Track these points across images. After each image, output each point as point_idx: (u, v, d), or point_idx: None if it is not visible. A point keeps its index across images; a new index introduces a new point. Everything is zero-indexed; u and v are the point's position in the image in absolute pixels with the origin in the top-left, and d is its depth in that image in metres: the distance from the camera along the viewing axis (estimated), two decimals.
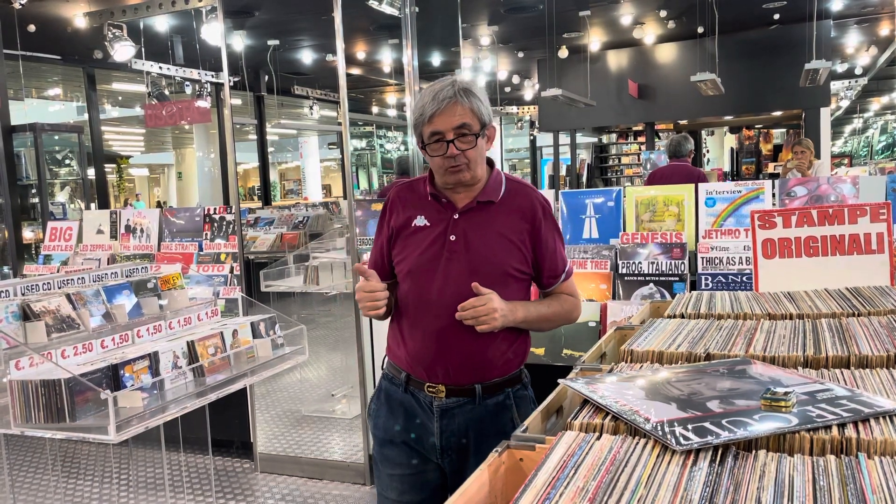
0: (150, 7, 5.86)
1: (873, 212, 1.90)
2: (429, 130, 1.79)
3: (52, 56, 9.37)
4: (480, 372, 1.86)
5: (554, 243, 1.92)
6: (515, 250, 1.86)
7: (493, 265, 1.84)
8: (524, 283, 1.93)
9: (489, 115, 1.85)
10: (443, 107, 1.77)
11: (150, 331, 2.89)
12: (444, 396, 1.86)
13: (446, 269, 1.84)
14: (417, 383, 1.90)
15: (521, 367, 1.97)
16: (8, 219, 6.59)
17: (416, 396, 1.91)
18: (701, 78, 8.81)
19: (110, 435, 2.24)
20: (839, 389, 1.03)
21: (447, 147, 1.77)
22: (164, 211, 4.94)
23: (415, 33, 4.56)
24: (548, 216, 1.91)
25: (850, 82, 14.44)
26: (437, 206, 1.90)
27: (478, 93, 1.83)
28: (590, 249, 3.48)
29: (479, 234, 1.85)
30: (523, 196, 1.91)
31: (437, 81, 1.83)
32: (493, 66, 12.32)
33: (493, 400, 1.87)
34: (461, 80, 1.84)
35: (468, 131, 1.79)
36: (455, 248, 1.84)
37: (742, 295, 1.79)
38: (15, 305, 2.72)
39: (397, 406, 1.94)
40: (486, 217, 1.87)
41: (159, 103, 8.08)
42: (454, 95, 1.77)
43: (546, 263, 1.91)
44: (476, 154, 1.82)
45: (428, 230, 1.89)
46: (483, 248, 1.84)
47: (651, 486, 0.81)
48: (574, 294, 2.01)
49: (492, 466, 1.00)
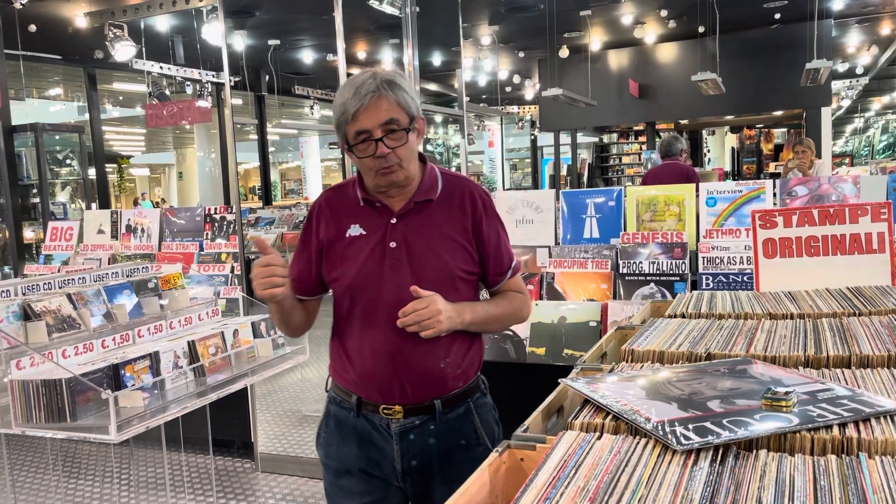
0: (151, 7, 5.86)
1: (874, 211, 1.90)
2: (353, 129, 1.63)
3: (52, 56, 9.37)
4: (439, 386, 1.73)
5: (497, 238, 1.80)
6: (461, 250, 1.73)
7: (440, 269, 1.71)
8: (473, 285, 1.80)
9: (417, 106, 1.70)
10: (366, 102, 1.61)
11: (150, 330, 2.89)
12: (401, 417, 1.72)
13: (391, 279, 1.69)
14: (371, 406, 1.75)
15: (478, 374, 1.85)
16: (9, 219, 6.60)
17: (371, 420, 1.76)
18: (702, 77, 8.81)
19: (111, 435, 2.24)
20: (840, 389, 1.03)
21: (376, 146, 1.62)
22: (165, 211, 4.95)
23: (415, 33, 4.56)
24: (489, 209, 1.79)
25: (851, 82, 14.44)
26: (371, 211, 1.75)
27: (403, 83, 1.67)
28: (590, 249, 3.47)
29: (421, 237, 1.72)
30: (461, 190, 1.78)
31: (357, 75, 1.67)
32: (494, 65, 12.33)
33: (453, 413, 1.75)
34: (383, 71, 1.67)
35: (397, 127, 1.63)
36: (397, 256, 1.70)
37: (743, 295, 1.79)
38: (16, 305, 2.72)
39: (350, 432, 1.79)
40: (425, 218, 1.74)
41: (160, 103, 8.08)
42: (377, 89, 1.61)
43: (491, 261, 1.78)
44: (408, 151, 1.68)
45: (365, 239, 1.74)
46: (427, 251, 1.71)
47: (652, 485, 0.81)
48: (522, 291, 1.88)
49: (492, 466, 1.00)
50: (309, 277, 1.82)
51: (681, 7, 9.57)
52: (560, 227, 3.71)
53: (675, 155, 6.16)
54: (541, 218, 3.73)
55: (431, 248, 1.71)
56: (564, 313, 3.18)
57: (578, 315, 3.16)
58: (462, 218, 1.74)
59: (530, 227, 3.74)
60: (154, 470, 4.12)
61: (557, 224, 3.72)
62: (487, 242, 1.76)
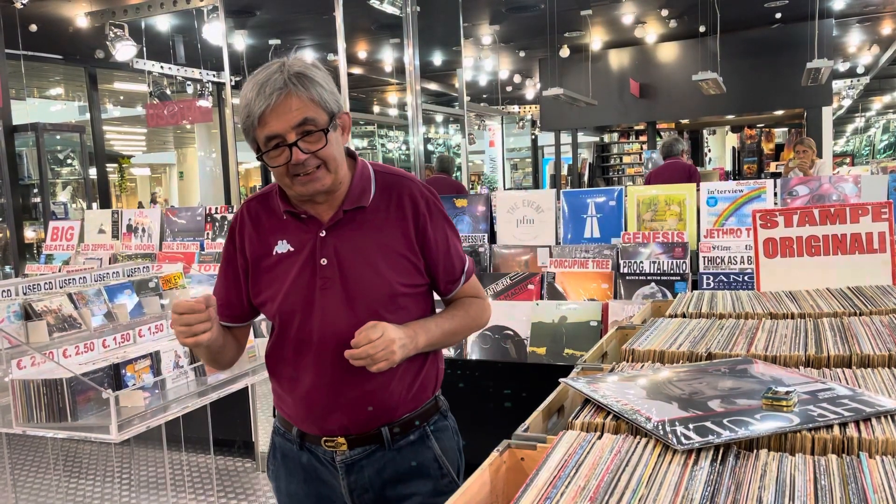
0: (152, 7, 5.87)
1: (875, 211, 1.90)
2: (263, 134, 1.40)
3: (53, 56, 9.38)
4: (385, 413, 1.53)
5: (446, 241, 1.57)
6: (402, 262, 1.51)
7: (378, 287, 1.48)
8: (420, 298, 1.57)
9: (336, 100, 1.46)
10: (273, 102, 1.38)
11: (151, 330, 2.89)
12: (346, 448, 1.53)
13: (322, 302, 1.48)
14: (312, 438, 1.57)
15: (436, 394, 1.63)
16: (10, 218, 6.60)
17: (314, 452, 1.58)
18: (703, 77, 8.81)
19: (112, 434, 2.24)
20: (841, 389, 1.03)
21: (290, 152, 1.39)
22: (166, 210, 4.95)
23: (416, 32, 4.56)
24: (433, 209, 1.55)
25: (852, 81, 14.44)
26: (297, 224, 1.52)
27: (316, 75, 1.43)
28: (591, 249, 3.47)
29: (355, 250, 1.49)
30: (399, 190, 1.54)
31: (261, 69, 1.44)
32: (495, 65, 12.33)
33: (406, 440, 1.55)
34: (291, 62, 1.43)
35: (314, 127, 1.40)
36: (328, 274, 1.48)
37: (744, 294, 1.79)
38: (17, 305, 2.72)
39: (295, 466, 1.61)
40: (359, 227, 1.50)
41: (161, 103, 8.10)
42: (285, 85, 1.38)
43: (441, 268, 1.56)
44: (331, 152, 1.43)
45: (292, 257, 1.51)
46: (361, 268, 1.48)
47: (652, 485, 0.81)
48: (479, 295, 1.67)
49: (493, 466, 1.00)
50: (237, 302, 1.60)
51: (681, 7, 9.57)
52: (561, 227, 3.71)
53: (676, 155, 6.38)
54: (541, 217, 3.73)
55: (367, 263, 1.49)
56: (565, 313, 3.18)
57: (579, 315, 3.16)
58: (402, 223, 1.52)
59: (531, 226, 3.74)
60: (155, 469, 4.12)
61: (558, 224, 3.72)
62: (435, 248, 1.54)
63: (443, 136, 20.31)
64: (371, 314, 1.46)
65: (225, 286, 1.61)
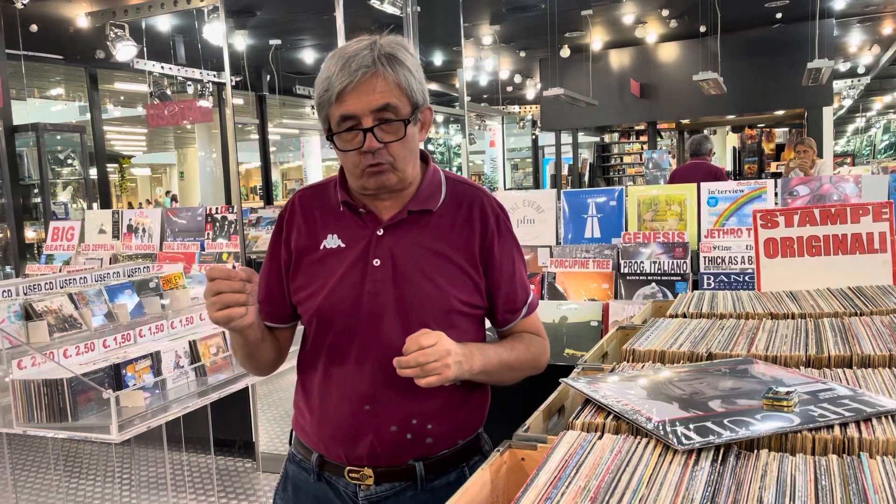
0: (152, 7, 5.87)
1: (876, 211, 1.90)
2: (338, 113, 1.28)
3: (54, 56, 9.38)
4: (422, 445, 1.36)
5: (513, 266, 1.43)
6: (463, 277, 1.37)
7: (433, 298, 1.35)
8: (475, 322, 1.43)
9: (423, 92, 1.33)
10: (356, 79, 1.25)
11: (152, 330, 2.89)
12: (372, 483, 1.35)
13: (371, 307, 1.34)
14: (334, 467, 1.39)
15: (479, 430, 1.47)
16: (10, 219, 6.61)
17: (334, 485, 1.40)
18: (703, 77, 8.81)
19: (112, 434, 2.24)
20: (841, 389, 1.03)
21: (364, 137, 1.27)
22: (167, 211, 4.95)
23: (416, 33, 4.56)
24: (503, 228, 1.42)
25: (852, 81, 14.43)
26: (353, 219, 1.39)
27: (408, 60, 1.30)
28: (592, 249, 3.47)
29: (413, 255, 1.35)
30: (471, 201, 1.41)
31: (351, 42, 1.32)
32: (495, 65, 12.33)
33: (441, 481, 1.37)
34: (384, 41, 1.30)
35: (394, 116, 1.28)
36: (380, 278, 1.34)
37: (744, 294, 1.79)
38: (17, 305, 2.73)
39: (309, 500, 1.43)
40: (421, 232, 1.37)
41: (161, 103, 8.10)
42: (373, 63, 1.26)
43: (502, 293, 1.42)
44: (405, 148, 1.32)
45: (342, 253, 1.37)
46: (418, 275, 1.35)
47: (653, 485, 0.81)
48: (540, 333, 1.50)
49: (493, 466, 1.00)
50: (280, 299, 1.45)
51: (682, 6, 9.57)
52: (561, 227, 3.71)
53: (704, 154, 6.25)
54: (542, 217, 3.73)
55: (424, 271, 1.35)
56: (565, 313, 3.18)
57: (579, 315, 3.16)
58: (468, 236, 1.38)
59: (531, 226, 3.74)
60: (155, 469, 4.12)
61: (558, 224, 3.72)
62: (499, 270, 1.40)
63: (443, 136, 20.31)
64: (421, 326, 1.29)
65: (267, 281, 1.46)
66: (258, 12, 8.67)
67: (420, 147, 1.42)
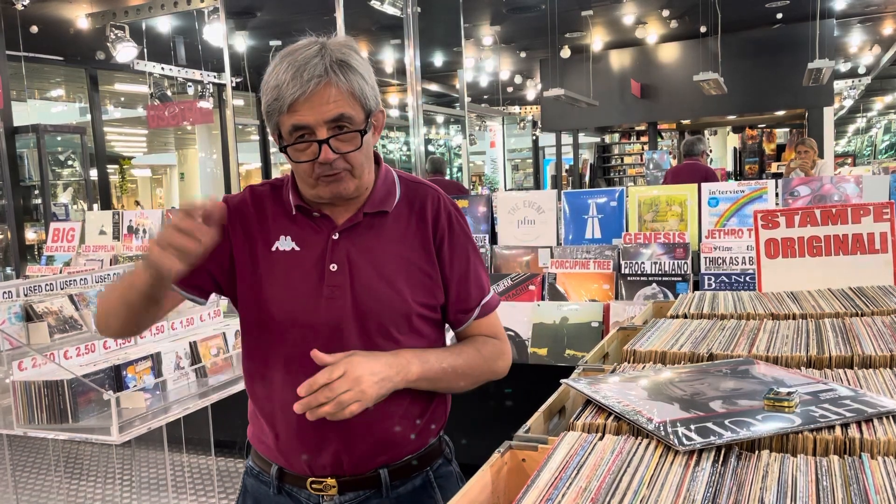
0: (153, 8, 5.87)
1: (877, 211, 1.90)
2: (290, 123, 1.21)
3: (54, 57, 9.39)
4: (386, 451, 1.33)
5: (466, 262, 1.37)
6: (422, 277, 1.33)
7: (391, 304, 1.30)
8: (437, 324, 1.39)
9: (376, 95, 1.28)
10: (308, 90, 1.19)
11: (152, 331, 2.89)
12: (335, 493, 1.32)
13: (328, 314, 1.28)
14: (295, 479, 1.34)
15: (441, 434, 1.43)
16: (11, 220, 6.61)
17: (295, 497, 1.35)
18: (704, 77, 8.81)
19: (113, 436, 2.24)
20: (842, 389, 1.03)
21: (319, 149, 1.21)
22: (167, 212, 4.95)
23: (417, 33, 4.57)
24: (455, 225, 1.37)
25: (853, 81, 14.43)
26: (306, 221, 1.33)
27: (358, 64, 1.24)
28: (592, 249, 3.47)
29: (371, 259, 1.31)
30: (423, 200, 1.37)
31: (298, 45, 1.23)
32: (496, 66, 12.34)
33: (406, 487, 1.35)
34: (332, 45, 1.23)
35: (349, 125, 1.22)
36: (337, 283, 1.29)
37: (745, 295, 1.79)
38: (18, 306, 2.73)
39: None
40: (377, 234, 1.33)
41: (161, 104, 8.11)
42: (325, 72, 1.19)
43: (452, 291, 1.36)
44: (361, 156, 1.27)
45: (296, 257, 1.31)
46: (375, 280, 1.30)
47: (654, 486, 0.81)
48: (498, 335, 1.43)
49: (494, 467, 1.00)
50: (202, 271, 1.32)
51: (682, 7, 9.57)
52: (562, 228, 3.71)
53: (696, 155, 6.38)
54: (542, 218, 3.73)
55: (383, 275, 1.30)
56: (566, 314, 3.18)
57: (580, 315, 3.16)
58: (422, 234, 1.34)
59: (532, 227, 3.74)
60: (156, 471, 4.12)
61: (559, 224, 3.72)
62: (450, 268, 1.35)
63: (444, 136, 20.31)
64: (381, 332, 1.29)
65: None
66: (258, 13, 8.68)
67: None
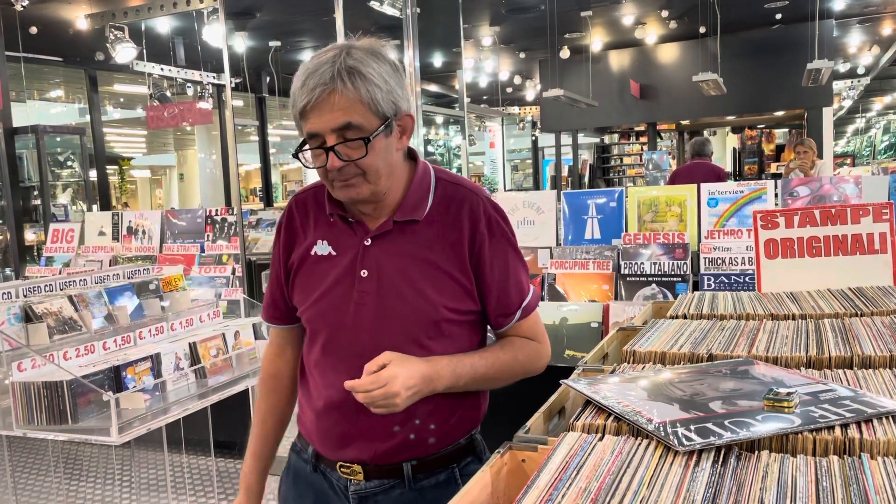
0: (152, 9, 5.86)
1: (876, 212, 1.90)
2: (306, 130, 1.26)
3: (53, 58, 9.38)
4: (411, 447, 1.37)
5: (506, 267, 1.38)
6: (451, 284, 1.34)
7: (418, 310, 1.33)
8: (470, 327, 1.40)
9: (395, 101, 1.27)
10: (314, 98, 1.21)
11: (152, 332, 2.89)
12: (362, 479, 1.38)
13: (357, 317, 1.34)
14: (327, 461, 1.42)
15: (473, 433, 1.46)
16: (10, 220, 6.61)
17: (328, 477, 1.43)
18: (703, 78, 8.81)
19: (112, 437, 2.24)
20: (842, 390, 1.03)
21: (326, 156, 1.25)
22: (167, 212, 4.95)
23: (416, 34, 4.57)
24: (496, 229, 1.37)
25: (852, 82, 14.43)
26: (343, 226, 1.37)
27: (372, 72, 1.23)
28: (592, 250, 3.47)
29: (398, 266, 1.34)
30: (460, 204, 1.36)
31: (321, 52, 1.26)
32: (495, 66, 12.33)
33: (430, 481, 1.38)
34: (350, 51, 1.24)
35: (358, 133, 1.23)
36: (366, 289, 1.33)
37: (745, 295, 1.79)
38: (17, 307, 2.72)
39: (306, 488, 1.47)
40: (408, 241, 1.35)
41: (161, 105, 8.09)
42: (331, 80, 1.20)
43: (493, 297, 1.38)
44: (374, 162, 1.27)
45: (332, 261, 1.37)
46: (402, 286, 1.33)
47: (654, 486, 0.81)
48: (537, 337, 1.45)
49: (494, 467, 1.00)
50: (282, 304, 1.48)
51: (682, 7, 9.57)
52: (561, 228, 3.71)
53: (706, 156, 6.35)
54: (542, 219, 3.73)
55: (411, 282, 1.33)
56: (566, 314, 3.18)
57: (580, 316, 3.16)
58: (457, 240, 1.35)
59: (531, 227, 3.74)
60: (155, 472, 4.12)
61: (559, 225, 3.72)
62: (490, 274, 1.36)
63: (443, 137, 20.31)
64: (409, 339, 1.32)
65: (271, 287, 1.50)
66: (258, 14, 8.67)
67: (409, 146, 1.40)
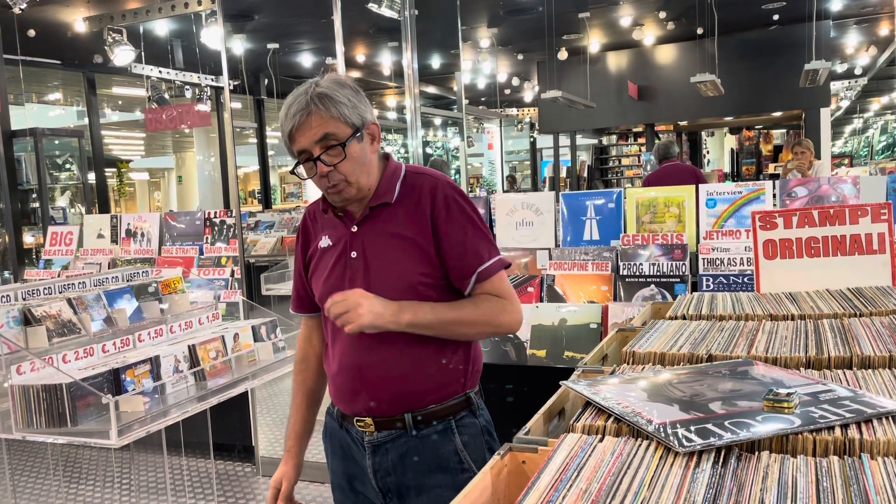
0: (150, 11, 5.85)
1: (874, 212, 1.90)
2: (295, 149, 1.59)
3: (52, 61, 9.38)
4: (409, 399, 1.64)
5: (462, 236, 1.62)
6: (419, 253, 1.61)
7: (397, 277, 1.61)
8: (443, 291, 1.65)
9: (361, 114, 1.60)
10: (297, 121, 1.55)
11: (151, 335, 2.88)
12: (374, 430, 1.66)
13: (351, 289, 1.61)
14: (347, 417, 1.71)
15: (469, 391, 1.71)
16: (8, 223, 6.60)
17: (350, 432, 1.72)
18: (701, 79, 8.82)
19: (112, 439, 2.24)
20: (842, 390, 1.03)
21: (315, 166, 1.57)
22: (165, 215, 4.95)
23: (414, 36, 4.57)
24: (452, 204, 1.63)
25: (849, 82, 14.45)
26: (336, 221, 1.71)
27: (339, 95, 1.57)
28: (591, 251, 3.47)
29: (379, 243, 1.64)
30: (422, 186, 1.66)
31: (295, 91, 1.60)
32: (493, 68, 12.33)
33: (429, 430, 1.64)
34: (321, 83, 1.58)
35: (334, 141, 1.56)
36: (356, 266, 1.64)
37: (744, 296, 1.79)
38: (16, 310, 2.72)
39: (336, 444, 1.77)
40: (383, 222, 1.65)
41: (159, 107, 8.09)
42: (307, 105, 1.54)
43: (451, 262, 1.62)
44: (352, 165, 1.58)
45: (331, 251, 1.70)
46: (381, 259, 1.63)
47: (654, 487, 0.81)
48: (502, 294, 1.66)
49: (494, 469, 1.00)
50: (306, 295, 1.82)
51: (679, 9, 9.58)
52: (560, 229, 3.71)
53: (674, 157, 6.41)
54: (540, 220, 3.73)
55: (388, 255, 1.63)
56: (565, 315, 3.18)
57: (579, 317, 3.16)
58: (421, 215, 1.62)
59: (530, 229, 3.74)
60: (155, 474, 4.12)
61: (557, 226, 3.72)
62: (445, 241, 1.61)
63: (441, 139, 20.31)
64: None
65: (295, 283, 1.85)
66: (256, 16, 8.67)
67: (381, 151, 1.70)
